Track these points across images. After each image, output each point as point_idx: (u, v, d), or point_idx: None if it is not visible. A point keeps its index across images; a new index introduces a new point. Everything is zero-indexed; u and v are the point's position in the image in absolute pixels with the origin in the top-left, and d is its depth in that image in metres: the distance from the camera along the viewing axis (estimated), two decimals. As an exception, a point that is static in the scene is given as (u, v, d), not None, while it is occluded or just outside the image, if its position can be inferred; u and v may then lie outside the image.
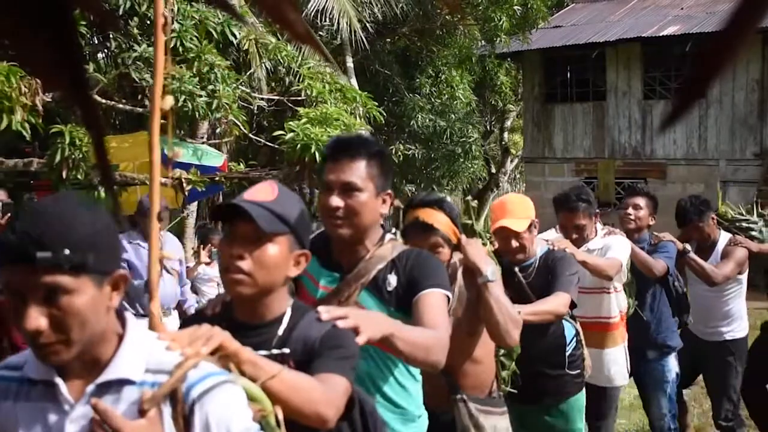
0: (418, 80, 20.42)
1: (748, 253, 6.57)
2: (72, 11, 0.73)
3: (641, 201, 6.37)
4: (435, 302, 3.02)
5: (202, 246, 9.86)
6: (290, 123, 9.44)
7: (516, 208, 4.92)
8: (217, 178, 10.58)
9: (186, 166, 10.28)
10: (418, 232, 3.85)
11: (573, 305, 4.88)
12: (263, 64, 12.32)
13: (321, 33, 17.73)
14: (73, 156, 8.41)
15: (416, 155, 19.67)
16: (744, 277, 6.66)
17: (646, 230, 6.39)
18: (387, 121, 15.15)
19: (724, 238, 6.69)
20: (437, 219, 3.85)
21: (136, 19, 9.85)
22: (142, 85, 9.80)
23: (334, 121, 9.41)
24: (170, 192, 9.63)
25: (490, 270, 3.79)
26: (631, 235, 6.15)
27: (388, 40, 21.10)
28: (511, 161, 29.21)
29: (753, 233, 6.84)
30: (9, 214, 7.33)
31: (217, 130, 13.77)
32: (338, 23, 17.16)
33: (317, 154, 8.97)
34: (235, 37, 10.34)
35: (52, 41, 0.72)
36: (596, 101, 22.21)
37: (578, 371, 5.15)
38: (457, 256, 3.95)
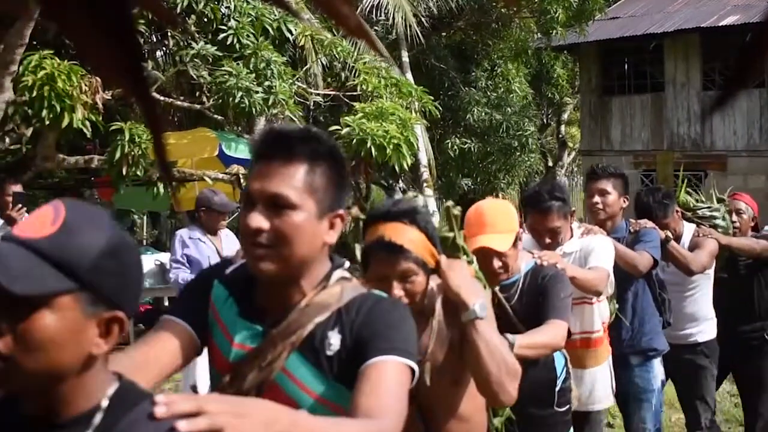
0: (473, 74, 20.36)
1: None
2: (132, 9, 0.75)
3: (607, 184, 5.45)
4: (387, 376, 2.08)
5: None
6: (346, 118, 9.49)
7: (497, 220, 3.97)
8: (274, 173, 10.63)
9: (243, 162, 10.38)
10: (383, 257, 2.87)
11: (569, 334, 4.06)
12: (319, 60, 12.37)
13: (376, 28, 17.74)
14: (132, 153, 8.53)
15: (472, 149, 19.61)
16: (710, 273, 6.01)
17: (620, 216, 5.58)
18: (443, 115, 15.13)
19: (688, 230, 6.05)
20: (408, 237, 2.86)
21: (193, 17, 9.96)
22: (199, 82, 9.90)
23: (389, 115, 9.43)
24: (228, 188, 9.73)
25: (479, 304, 2.91)
26: (603, 226, 5.35)
27: (444, 34, 21.06)
28: (568, 154, 29.00)
29: (716, 221, 6.32)
30: (21, 206, 7.40)
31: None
32: (393, 18, 17.16)
33: (373, 149, 9.00)
34: (291, 34, 10.41)
35: (112, 39, 0.75)
36: (654, 93, 21.94)
37: (567, 407, 4.39)
38: (434, 281, 3.04)
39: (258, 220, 2.14)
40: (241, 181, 9.84)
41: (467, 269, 3.10)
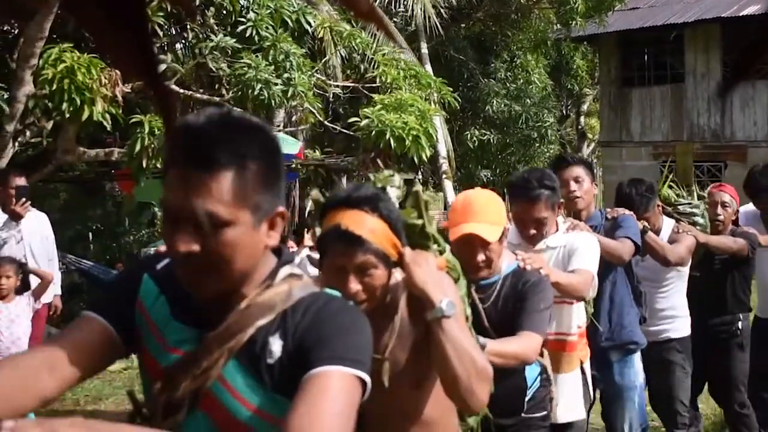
0: (492, 65, 20.32)
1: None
2: (146, 3, 0.75)
3: (580, 171, 5.18)
4: (329, 391, 1.80)
5: (307, 230, 9.97)
6: (365, 110, 9.49)
7: (486, 210, 3.71)
8: (293, 166, 10.68)
9: (262, 154, 10.38)
10: (339, 248, 2.62)
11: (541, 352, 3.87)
12: (338, 52, 12.35)
13: (395, 19, 17.74)
14: (152, 145, 8.55)
15: (491, 140, 19.59)
16: (686, 271, 5.87)
17: (593, 204, 5.37)
18: (462, 106, 15.11)
19: (667, 225, 5.86)
20: (368, 226, 2.60)
21: (212, 9, 9.97)
22: (218, 74, 9.91)
23: (408, 107, 9.42)
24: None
25: (446, 301, 2.67)
26: (579, 216, 5.11)
27: (463, 25, 21.01)
28: (588, 146, 28.91)
29: (696, 218, 6.21)
30: (25, 199, 7.37)
31: (293, 118, 13.87)
32: (413, 9, 17.15)
33: (392, 141, 8.99)
34: (310, 25, 10.40)
35: (127, 32, 0.75)
36: (674, 84, 21.85)
37: (542, 413, 4.12)
38: (400, 275, 2.80)
39: (186, 244, 1.84)
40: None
41: (434, 263, 2.82)
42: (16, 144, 9.00)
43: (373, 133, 9.08)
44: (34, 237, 7.81)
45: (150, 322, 2.04)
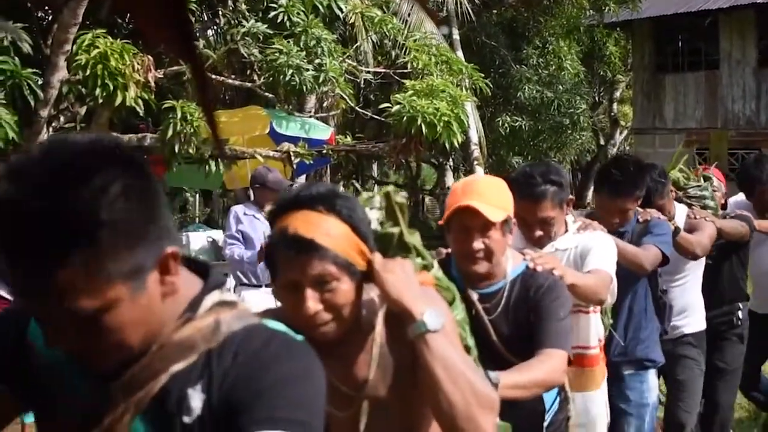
0: (524, 51, 20.22)
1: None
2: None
3: (632, 199, 4.66)
4: None
5: None
6: (396, 95, 9.48)
7: (489, 191, 3.23)
8: (324, 151, 10.69)
9: (294, 140, 10.42)
10: (289, 257, 2.11)
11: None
12: (369, 38, 12.35)
13: (427, 6, 17.69)
14: (184, 131, 8.60)
15: (523, 127, 19.50)
16: (703, 260, 5.45)
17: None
18: (493, 92, 15.07)
19: (681, 211, 5.39)
20: (324, 229, 2.10)
21: (244, -5, 10.02)
22: (250, 60, 9.95)
23: (440, 93, 9.41)
24: (279, 165, 9.78)
25: (430, 312, 2.15)
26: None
27: (495, 11, 20.93)
28: (621, 133, 28.71)
29: (706, 201, 5.75)
30: None
31: (324, 104, 13.89)
32: (444, -5, 17.12)
33: (423, 127, 8.99)
34: (342, 11, 10.41)
35: (167, 13, 0.75)
36: (708, 70, 21.67)
37: None
38: (373, 292, 2.28)
39: (67, 343, 1.47)
40: (292, 158, 9.89)
41: (411, 270, 2.27)
42: (50, 129, 9.08)
43: (405, 119, 9.07)
44: None
45: (43, 368, 1.60)
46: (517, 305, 3.28)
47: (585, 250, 3.96)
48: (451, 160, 21.10)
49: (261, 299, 6.84)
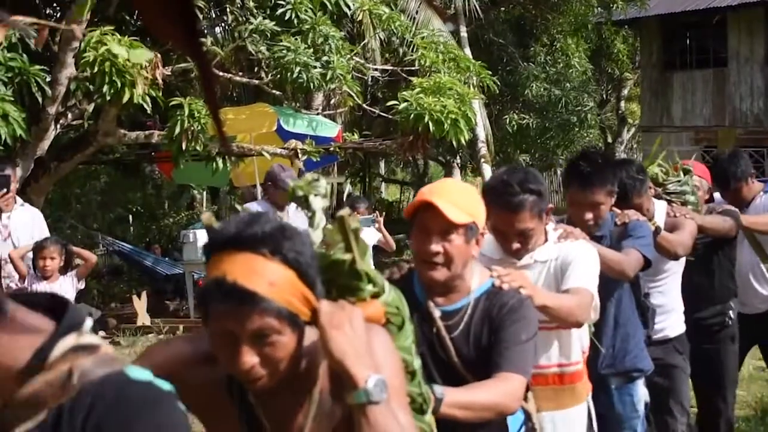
0: (532, 49, 20.23)
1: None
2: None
3: (603, 193, 4.33)
4: None
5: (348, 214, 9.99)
6: (404, 93, 9.48)
7: (456, 193, 3.01)
8: (331, 149, 10.70)
9: (301, 137, 10.44)
10: (224, 310, 1.88)
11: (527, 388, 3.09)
12: (377, 35, 12.36)
13: (435, 3, 17.69)
14: (192, 128, 8.61)
15: (530, 125, 19.50)
16: (683, 260, 5.15)
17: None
18: (501, 90, 15.05)
19: (660, 208, 5.09)
20: (266, 277, 1.87)
21: (252, -8, 10.01)
22: (258, 57, 9.95)
23: (447, 90, 9.41)
24: (286, 162, 9.79)
25: (375, 380, 1.93)
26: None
27: (503, 8, 20.92)
28: (628, 130, 28.71)
29: (687, 197, 5.46)
30: (6, 190, 6.61)
31: (332, 101, 13.90)
32: (452, -7, 17.12)
33: (431, 124, 8.98)
34: (349, 8, 10.40)
35: (174, 11, 0.75)
36: (717, 68, 21.62)
37: None
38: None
39: None
40: (299, 155, 9.90)
41: (360, 319, 2.03)
42: (58, 126, 9.10)
43: (412, 116, 9.07)
44: (23, 234, 7.05)
45: None
46: (479, 324, 3.03)
47: (566, 263, 3.69)
48: (458, 157, 21.11)
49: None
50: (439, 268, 2.96)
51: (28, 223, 7.07)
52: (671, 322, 5.17)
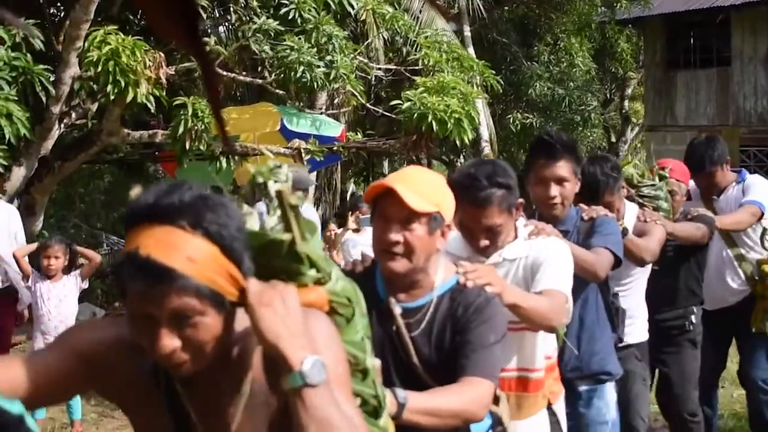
0: (536, 48, 20.23)
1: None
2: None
3: (568, 168, 4.10)
4: None
5: (350, 213, 10.00)
6: (407, 92, 9.48)
7: (420, 181, 2.80)
8: (335, 148, 10.70)
9: (305, 137, 10.44)
10: (140, 287, 1.70)
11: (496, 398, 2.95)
12: (380, 34, 12.37)
13: (438, 2, 17.70)
14: (195, 127, 8.62)
15: (534, 124, 19.49)
16: (649, 266, 4.99)
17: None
18: (504, 89, 15.06)
19: (631, 211, 4.94)
20: (185, 251, 1.71)
21: (255, -9, 10.03)
22: (261, 57, 9.95)
23: (451, 89, 9.41)
24: (289, 161, 9.80)
25: (311, 361, 1.76)
26: (552, 222, 3.98)
27: (506, 8, 20.91)
28: (632, 130, 28.67)
29: (659, 202, 5.30)
30: None
31: (335, 101, 13.90)
32: (455, -8, 17.12)
33: (434, 124, 8.98)
34: (353, 8, 10.41)
35: (175, 10, 0.76)
36: (720, 67, 21.60)
37: None
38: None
39: None
40: (303, 155, 9.90)
41: (295, 300, 1.84)
42: (62, 125, 9.11)
43: (415, 115, 9.07)
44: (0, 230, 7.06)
45: None
46: (442, 324, 2.84)
47: (537, 262, 3.47)
48: (461, 157, 21.09)
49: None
50: (399, 259, 2.77)
51: (4, 220, 7.13)
52: (633, 328, 4.96)
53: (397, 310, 2.85)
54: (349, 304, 2.07)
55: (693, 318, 5.54)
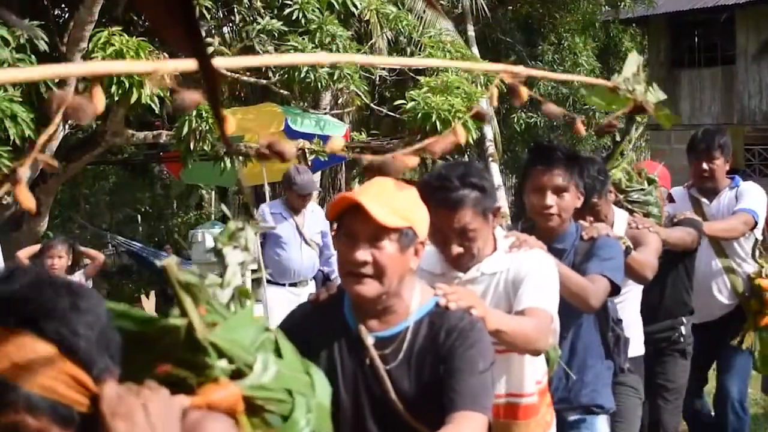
0: (540, 48, 20.21)
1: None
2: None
3: (564, 176, 3.81)
4: None
5: None
6: (411, 92, 9.48)
7: (390, 193, 2.50)
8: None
9: (309, 137, 10.45)
10: None
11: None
12: (384, 34, 12.37)
13: (442, 2, 17.68)
14: (200, 128, 8.62)
15: (538, 123, 19.49)
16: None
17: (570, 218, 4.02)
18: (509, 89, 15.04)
19: (620, 218, 4.66)
20: (12, 358, 1.39)
21: (259, -8, 10.03)
22: (265, 57, 9.96)
23: (455, 89, 9.41)
24: (294, 161, 9.82)
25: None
26: (546, 237, 3.70)
27: (510, 7, 20.90)
28: (636, 129, 28.66)
29: (650, 207, 5.06)
30: None
31: (339, 101, 13.90)
32: (459, -8, 17.11)
33: (438, 123, 8.98)
34: (357, 8, 10.40)
35: (174, 12, 0.76)
36: (725, 66, 21.58)
37: None
38: None
39: None
40: (307, 155, 9.91)
41: (166, 408, 1.49)
42: (66, 126, 9.11)
43: (419, 115, 9.07)
44: None
45: None
46: (421, 353, 2.54)
47: (518, 278, 3.15)
48: (466, 156, 21.09)
49: (284, 297, 6.94)
50: (368, 282, 2.47)
51: None
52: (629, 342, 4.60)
53: (370, 340, 2.55)
54: (288, 398, 1.79)
55: (683, 329, 5.36)
